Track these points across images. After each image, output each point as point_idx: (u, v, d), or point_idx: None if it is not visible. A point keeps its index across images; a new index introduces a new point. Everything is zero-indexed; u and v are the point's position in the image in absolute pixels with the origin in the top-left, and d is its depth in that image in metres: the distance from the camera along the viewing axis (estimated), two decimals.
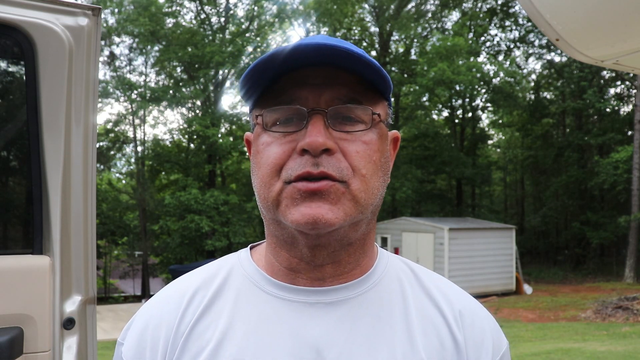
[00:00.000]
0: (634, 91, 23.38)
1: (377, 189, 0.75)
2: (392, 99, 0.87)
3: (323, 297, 0.76)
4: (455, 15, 28.22)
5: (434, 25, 27.95)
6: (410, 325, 0.76)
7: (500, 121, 30.22)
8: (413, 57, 26.90)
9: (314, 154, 0.70)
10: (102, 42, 14.99)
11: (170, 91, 22.85)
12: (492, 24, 27.49)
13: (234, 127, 23.25)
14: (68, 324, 1.46)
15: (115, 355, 0.82)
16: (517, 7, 25.58)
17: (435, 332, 0.77)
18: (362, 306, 0.77)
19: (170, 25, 23.35)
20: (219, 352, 0.73)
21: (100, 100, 21.92)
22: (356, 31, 28.00)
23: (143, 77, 24.75)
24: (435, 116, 30.40)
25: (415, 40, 26.89)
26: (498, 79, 26.06)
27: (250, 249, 0.87)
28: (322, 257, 0.76)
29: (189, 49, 21.98)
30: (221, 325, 0.75)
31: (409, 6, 26.68)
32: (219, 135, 21.70)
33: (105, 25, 21.26)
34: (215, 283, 0.81)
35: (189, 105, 24.41)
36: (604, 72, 24.14)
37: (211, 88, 23.62)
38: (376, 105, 0.76)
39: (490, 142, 33.23)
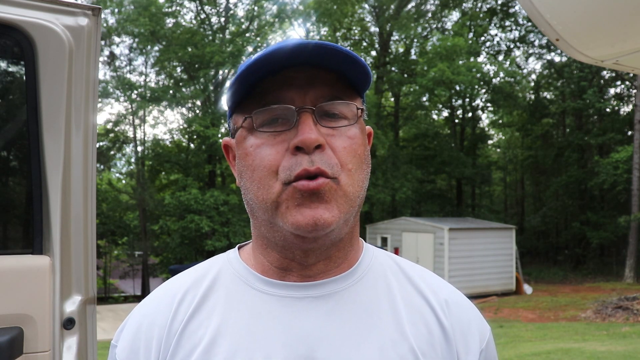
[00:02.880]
0: (634, 91, 23.38)
1: (362, 181, 0.78)
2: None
3: (311, 291, 0.78)
4: (455, 15, 28.25)
5: (434, 25, 27.96)
6: (398, 315, 0.79)
7: (500, 121, 30.23)
8: (413, 57, 26.90)
9: (307, 150, 0.72)
10: (102, 42, 14.99)
11: (170, 91, 22.85)
12: (492, 24, 27.49)
13: (228, 129, 23.12)
14: (68, 324, 1.46)
15: (110, 358, 0.83)
16: (517, 7, 25.58)
17: (423, 320, 0.79)
18: (350, 298, 0.79)
19: (170, 25, 23.35)
20: (212, 349, 0.75)
21: (100, 100, 21.92)
22: (356, 31, 28.02)
23: (143, 77, 24.77)
24: (435, 116, 30.41)
25: (415, 40, 26.90)
26: (498, 79, 26.07)
27: (239, 248, 0.89)
28: (314, 258, 0.78)
29: (189, 49, 21.97)
30: (213, 323, 0.77)
31: (409, 6, 26.68)
32: (219, 135, 21.70)
33: (105, 25, 21.26)
34: (205, 282, 0.82)
35: (189, 105, 24.41)
36: (604, 72, 24.15)
37: (211, 88, 23.61)
38: (355, 101, 0.79)
39: (490, 142, 33.26)
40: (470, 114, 29.65)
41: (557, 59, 26.28)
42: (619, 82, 25.45)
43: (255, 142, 0.76)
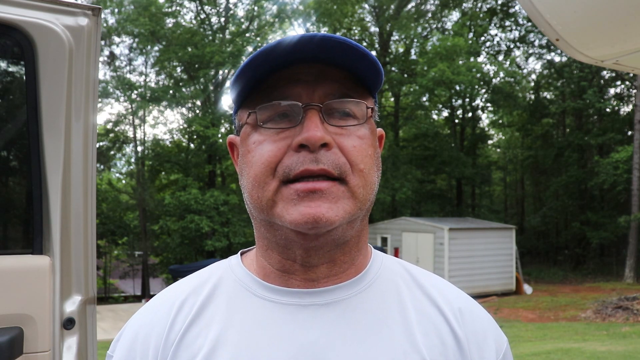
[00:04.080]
0: (634, 91, 23.37)
1: (374, 183, 0.75)
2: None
3: (317, 298, 0.74)
4: (455, 15, 28.24)
5: (434, 25, 27.96)
6: (409, 325, 0.74)
7: (500, 121, 30.24)
8: (413, 57, 26.90)
9: (312, 148, 0.69)
10: (102, 42, 14.98)
11: (170, 91, 22.85)
12: (492, 24, 27.48)
13: (234, 127, 23.12)
14: (68, 324, 1.46)
15: None
16: (517, 7, 25.58)
17: (436, 330, 0.75)
18: (357, 307, 0.75)
19: (170, 25, 23.35)
20: (211, 359, 0.71)
21: (100, 100, 21.92)
22: (356, 31, 28.00)
23: (143, 77, 24.77)
24: (435, 116, 30.39)
25: (415, 40, 26.89)
26: (498, 79, 26.07)
27: (241, 254, 0.85)
28: (317, 258, 0.74)
29: (189, 49, 21.97)
30: (213, 332, 0.73)
31: (409, 6, 26.68)
32: (219, 136, 21.71)
33: (105, 25, 21.25)
34: (205, 290, 0.79)
35: (189, 105, 24.42)
36: (604, 72, 24.14)
37: (211, 88, 23.61)
38: (366, 100, 0.76)
39: (490, 142, 33.25)
40: (470, 114, 29.65)
41: (557, 59, 26.28)
42: (619, 82, 25.45)
43: (258, 138, 0.73)
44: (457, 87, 24.84)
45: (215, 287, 0.79)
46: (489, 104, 28.21)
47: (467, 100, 28.38)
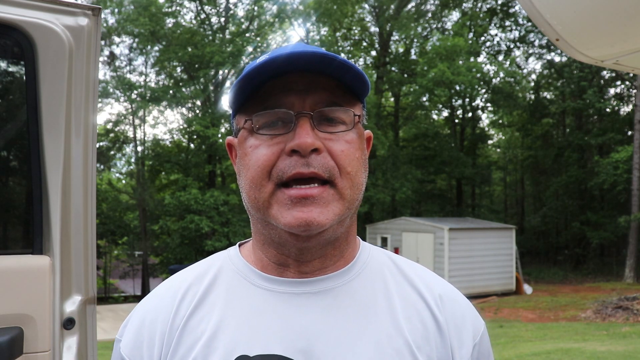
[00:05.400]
0: (634, 91, 23.37)
1: (361, 184, 0.81)
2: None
3: (309, 287, 0.81)
4: (455, 15, 28.24)
5: (434, 25, 27.95)
6: (393, 311, 0.81)
7: (500, 121, 30.23)
8: (413, 57, 26.89)
9: (303, 154, 0.75)
10: (102, 42, 14.99)
11: (170, 91, 22.84)
12: (492, 24, 27.48)
13: (231, 128, 23.06)
14: (68, 324, 1.46)
15: (114, 352, 0.86)
16: (517, 7, 25.58)
17: (418, 315, 0.82)
18: (347, 295, 0.82)
19: (170, 25, 23.35)
20: (213, 342, 0.77)
21: (100, 100, 21.92)
22: (356, 31, 28.00)
23: (143, 77, 24.77)
24: (435, 116, 30.40)
25: (415, 40, 26.88)
26: (498, 79, 26.06)
27: (239, 246, 0.92)
28: (309, 255, 0.81)
29: (189, 49, 21.97)
30: (214, 318, 0.80)
31: (409, 6, 26.67)
32: (219, 136, 21.71)
33: (105, 25, 21.25)
34: (207, 278, 0.85)
35: (189, 105, 24.41)
36: (604, 72, 24.14)
37: (211, 88, 23.61)
38: (354, 107, 0.82)
39: (490, 142, 33.24)
40: (470, 114, 29.65)
41: (557, 59, 26.28)
42: (619, 82, 25.44)
43: (254, 142, 0.79)
44: (457, 87, 24.84)
45: (215, 276, 0.85)
46: (489, 104, 28.21)
47: (467, 100, 28.38)
